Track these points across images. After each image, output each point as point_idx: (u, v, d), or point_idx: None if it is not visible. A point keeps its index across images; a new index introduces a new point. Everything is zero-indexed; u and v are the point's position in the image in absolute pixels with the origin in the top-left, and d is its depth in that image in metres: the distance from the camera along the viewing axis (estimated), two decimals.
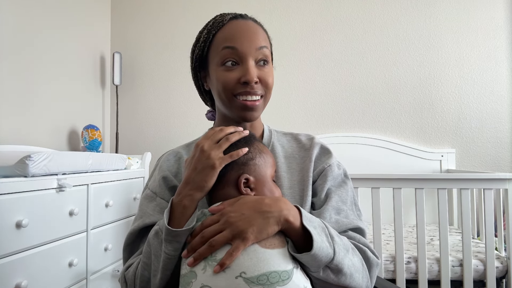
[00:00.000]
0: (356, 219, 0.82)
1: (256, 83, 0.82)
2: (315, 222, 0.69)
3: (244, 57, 0.81)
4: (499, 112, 2.55)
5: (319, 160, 0.88)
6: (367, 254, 0.76)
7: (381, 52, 2.67)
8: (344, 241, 0.72)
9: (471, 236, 1.74)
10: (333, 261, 0.66)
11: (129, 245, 0.83)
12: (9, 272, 1.24)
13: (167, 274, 0.71)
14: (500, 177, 1.77)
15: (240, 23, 0.85)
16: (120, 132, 2.81)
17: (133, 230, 0.82)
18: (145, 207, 0.84)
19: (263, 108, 0.87)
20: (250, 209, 0.66)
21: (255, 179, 0.74)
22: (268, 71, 0.84)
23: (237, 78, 0.81)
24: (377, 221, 1.78)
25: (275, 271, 0.61)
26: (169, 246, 0.68)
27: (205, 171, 0.70)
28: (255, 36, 0.83)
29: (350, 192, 0.87)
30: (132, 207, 2.09)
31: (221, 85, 0.83)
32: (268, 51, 0.85)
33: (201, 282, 0.62)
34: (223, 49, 0.82)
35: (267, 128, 0.96)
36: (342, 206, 0.82)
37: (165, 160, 0.91)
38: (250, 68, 0.81)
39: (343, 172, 0.89)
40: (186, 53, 0.96)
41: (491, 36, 2.57)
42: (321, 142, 0.93)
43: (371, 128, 2.67)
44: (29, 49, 2.08)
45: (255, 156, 0.75)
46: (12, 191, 1.26)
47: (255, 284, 0.60)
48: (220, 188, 0.73)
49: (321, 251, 0.64)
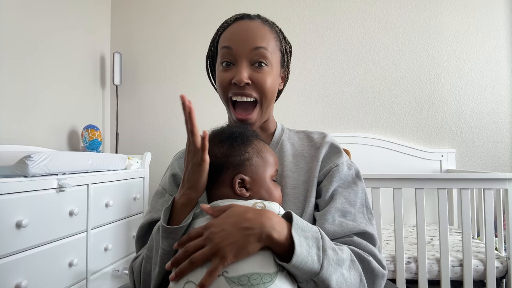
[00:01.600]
0: (365, 222, 0.78)
1: (248, 84, 0.81)
2: (309, 231, 0.66)
3: (238, 58, 0.81)
4: (499, 112, 2.55)
5: (327, 160, 0.86)
6: (371, 265, 0.72)
7: (381, 52, 2.67)
8: (340, 254, 0.67)
9: (471, 236, 1.74)
10: (318, 275, 0.63)
11: (139, 238, 0.87)
12: (9, 272, 1.24)
13: (164, 268, 0.72)
14: (500, 177, 1.77)
15: (242, 23, 0.85)
16: (120, 132, 2.81)
17: (143, 224, 0.86)
18: (155, 202, 0.88)
19: (259, 111, 0.84)
20: (231, 225, 0.63)
21: (251, 179, 0.73)
22: (265, 73, 0.82)
23: (230, 79, 0.81)
24: (377, 221, 1.78)
25: (257, 273, 0.61)
26: (165, 242, 0.70)
27: (194, 170, 0.69)
28: (251, 36, 0.82)
29: (361, 193, 0.83)
30: (132, 207, 2.09)
31: (218, 85, 0.85)
32: (266, 52, 0.82)
33: (187, 277, 0.64)
34: (221, 48, 0.84)
35: (280, 127, 0.94)
36: (349, 208, 0.79)
37: (177, 157, 0.93)
38: (240, 69, 0.80)
39: (354, 173, 0.85)
40: (186, 53, 0.96)
41: (491, 36, 2.57)
42: (332, 141, 0.90)
43: (371, 128, 2.67)
44: (29, 49, 2.08)
45: (252, 156, 0.74)
46: (12, 191, 1.26)
47: (235, 284, 0.60)
48: (216, 188, 0.74)
49: (304, 265, 0.62)
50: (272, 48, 0.84)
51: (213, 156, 0.73)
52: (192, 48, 2.79)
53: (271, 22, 0.89)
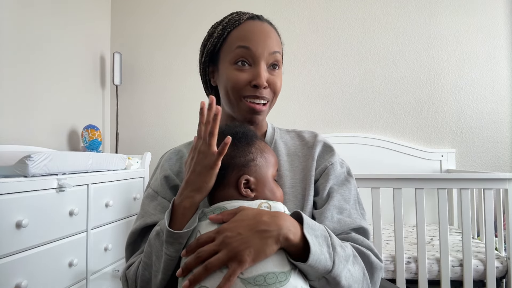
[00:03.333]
0: (359, 218, 0.81)
1: (265, 87, 0.82)
2: (318, 230, 0.67)
3: (257, 60, 0.81)
4: (499, 112, 2.55)
5: (321, 159, 0.88)
6: (370, 259, 0.74)
7: (381, 52, 2.67)
8: (347, 250, 0.70)
9: (471, 236, 1.74)
10: (330, 273, 0.65)
11: (130, 244, 0.83)
12: (9, 272, 1.24)
13: (168, 275, 0.71)
14: (500, 177, 1.77)
15: (256, 24, 0.85)
16: (120, 132, 2.80)
17: (134, 229, 0.82)
18: (147, 206, 0.84)
19: (267, 112, 0.87)
20: (247, 228, 0.63)
21: (256, 180, 0.73)
22: (278, 76, 0.85)
23: (248, 80, 0.81)
24: (377, 221, 1.78)
25: (272, 272, 0.61)
26: (170, 247, 0.68)
27: (203, 172, 0.69)
28: (270, 40, 0.84)
29: (354, 190, 0.86)
30: (132, 207, 2.09)
31: (231, 84, 0.82)
32: (280, 56, 0.85)
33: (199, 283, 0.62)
34: (237, 48, 0.82)
35: (270, 126, 0.95)
36: (345, 205, 0.81)
37: (167, 159, 0.90)
38: (261, 72, 0.81)
39: (346, 170, 0.88)
40: (186, 53, 0.96)
41: (491, 36, 2.57)
42: (324, 140, 0.92)
43: (371, 128, 2.67)
44: (29, 49, 2.07)
45: (256, 156, 0.74)
46: (12, 191, 1.25)
47: (252, 284, 0.60)
48: (221, 189, 0.73)
49: (318, 263, 0.63)
50: (281, 51, 0.88)
51: None
52: (192, 48, 2.78)
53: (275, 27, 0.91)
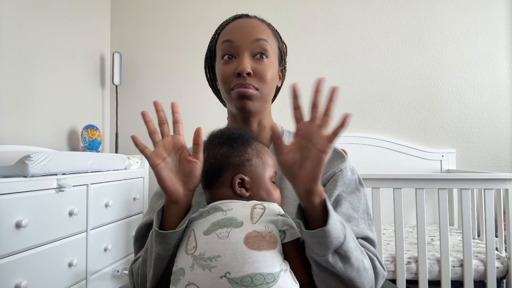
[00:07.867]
0: (366, 228, 0.79)
1: (249, 74, 0.81)
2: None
3: (240, 50, 0.82)
4: (499, 112, 2.55)
5: (330, 164, 0.85)
6: (375, 263, 0.73)
7: (381, 52, 2.66)
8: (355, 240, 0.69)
9: (471, 236, 1.74)
10: (342, 246, 0.63)
11: (138, 239, 0.85)
12: (9, 272, 1.24)
13: (158, 272, 0.71)
14: (500, 177, 1.76)
15: (242, 20, 0.87)
16: (120, 132, 2.80)
17: (141, 225, 0.85)
18: (154, 203, 0.89)
19: (262, 101, 0.85)
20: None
21: (251, 180, 0.73)
22: (266, 65, 0.83)
23: (233, 71, 0.82)
24: (377, 221, 1.77)
25: (260, 273, 0.61)
26: (158, 246, 0.68)
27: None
28: (252, 30, 0.84)
29: (363, 200, 0.83)
30: (132, 207, 2.09)
31: (220, 78, 0.85)
32: (267, 44, 0.84)
33: (188, 279, 0.63)
34: (222, 43, 0.85)
35: (279, 128, 0.94)
36: (353, 214, 0.79)
37: None
38: (243, 60, 0.81)
39: (357, 178, 0.86)
40: (186, 53, 0.97)
41: (491, 36, 2.56)
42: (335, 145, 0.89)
43: (371, 128, 2.67)
44: (29, 49, 2.07)
45: (252, 157, 0.75)
46: (12, 191, 1.25)
47: (238, 285, 0.60)
48: (215, 188, 0.74)
49: (334, 231, 0.61)
50: (272, 41, 0.86)
51: (213, 157, 0.74)
52: (193, 48, 2.78)
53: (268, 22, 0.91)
